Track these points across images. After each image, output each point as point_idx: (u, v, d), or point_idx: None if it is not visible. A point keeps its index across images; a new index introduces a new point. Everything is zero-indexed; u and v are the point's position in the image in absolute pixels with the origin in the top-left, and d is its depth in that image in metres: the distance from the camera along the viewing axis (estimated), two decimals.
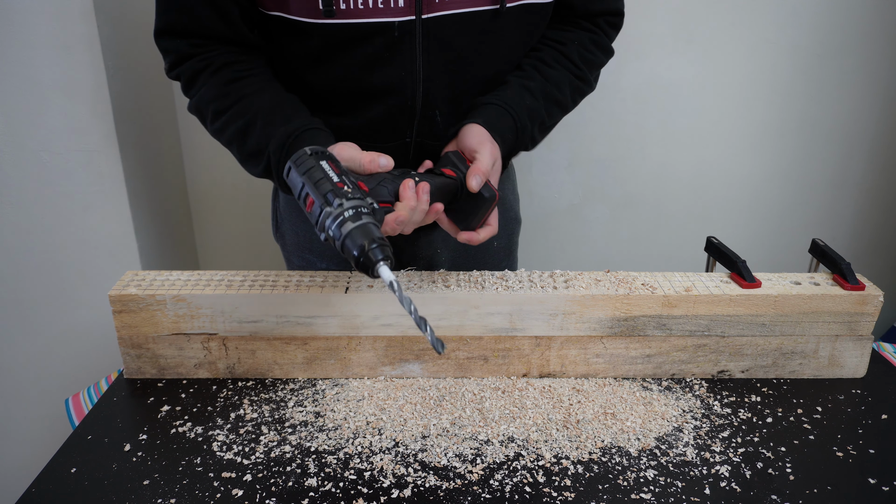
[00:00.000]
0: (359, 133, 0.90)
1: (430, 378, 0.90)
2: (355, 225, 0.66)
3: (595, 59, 0.96)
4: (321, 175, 0.69)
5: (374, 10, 0.81)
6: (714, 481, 0.72)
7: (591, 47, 0.95)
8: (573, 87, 0.95)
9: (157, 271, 0.91)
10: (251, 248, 1.72)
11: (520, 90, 0.90)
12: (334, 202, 0.66)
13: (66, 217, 1.35)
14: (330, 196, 0.66)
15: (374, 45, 0.83)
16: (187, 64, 0.86)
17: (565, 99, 0.94)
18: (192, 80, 0.87)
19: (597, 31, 0.96)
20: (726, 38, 1.52)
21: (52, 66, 1.23)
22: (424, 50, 0.85)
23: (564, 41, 0.94)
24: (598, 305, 0.86)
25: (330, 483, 0.72)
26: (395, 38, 0.83)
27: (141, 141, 1.39)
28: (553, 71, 0.93)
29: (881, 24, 1.50)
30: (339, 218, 0.66)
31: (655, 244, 1.73)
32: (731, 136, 1.61)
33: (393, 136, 0.90)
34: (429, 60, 0.86)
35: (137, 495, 0.70)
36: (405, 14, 0.81)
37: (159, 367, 0.90)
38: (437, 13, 0.82)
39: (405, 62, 0.85)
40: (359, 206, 0.67)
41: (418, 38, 0.84)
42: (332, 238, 0.67)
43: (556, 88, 0.92)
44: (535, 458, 0.76)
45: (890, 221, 1.72)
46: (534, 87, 0.91)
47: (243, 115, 0.84)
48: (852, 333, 0.89)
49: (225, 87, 0.85)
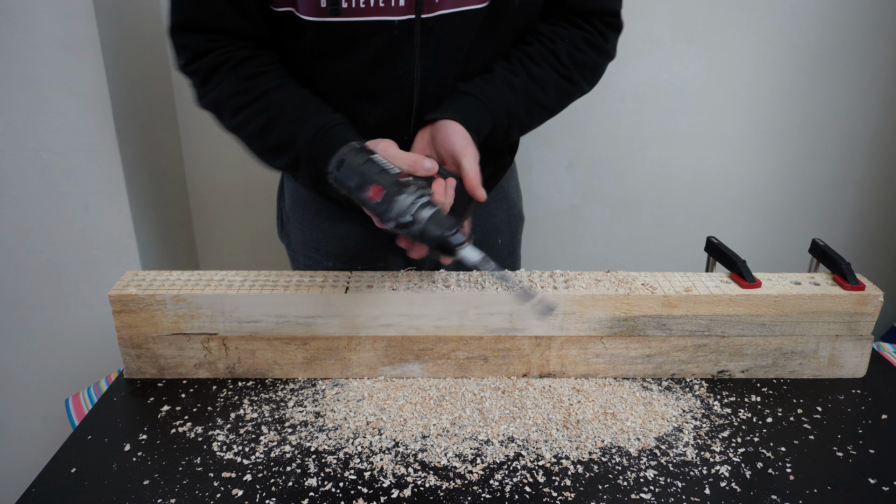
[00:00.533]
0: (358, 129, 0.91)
1: (430, 378, 0.90)
2: (432, 211, 0.70)
3: (586, 60, 0.94)
4: (381, 167, 0.71)
5: (376, 8, 0.81)
6: (714, 481, 0.72)
7: (583, 46, 0.93)
8: (558, 89, 0.93)
9: (157, 271, 0.91)
10: (251, 248, 1.72)
11: (502, 86, 0.89)
12: (405, 191, 0.69)
13: (66, 217, 1.35)
14: (400, 186, 0.69)
15: (375, 43, 0.84)
16: (204, 59, 0.86)
17: (549, 101, 0.93)
18: (210, 75, 0.87)
19: (591, 30, 0.94)
20: (726, 38, 1.52)
21: (52, 66, 1.23)
22: (423, 48, 0.85)
23: (555, 38, 0.93)
24: (598, 305, 0.86)
25: (330, 483, 0.72)
26: (395, 37, 0.84)
27: (141, 141, 1.39)
28: (539, 69, 0.91)
29: (881, 24, 1.50)
30: (416, 205, 0.69)
31: (655, 244, 1.73)
32: (731, 136, 1.61)
33: (390, 133, 0.90)
34: (427, 59, 0.86)
35: (137, 495, 0.70)
36: (405, 13, 0.82)
37: (159, 367, 0.90)
38: (436, 12, 0.83)
39: (404, 61, 0.86)
40: (427, 194, 0.71)
41: (417, 37, 0.84)
42: (406, 224, 0.70)
43: (540, 88, 0.91)
44: (535, 458, 0.76)
45: (890, 221, 1.72)
46: (517, 84, 0.90)
47: (266, 110, 0.85)
48: (852, 333, 0.89)
49: (245, 82, 0.86)
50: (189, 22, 0.85)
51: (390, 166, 0.73)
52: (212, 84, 0.87)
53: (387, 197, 0.70)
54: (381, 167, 0.72)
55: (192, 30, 0.86)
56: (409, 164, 0.76)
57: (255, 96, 0.85)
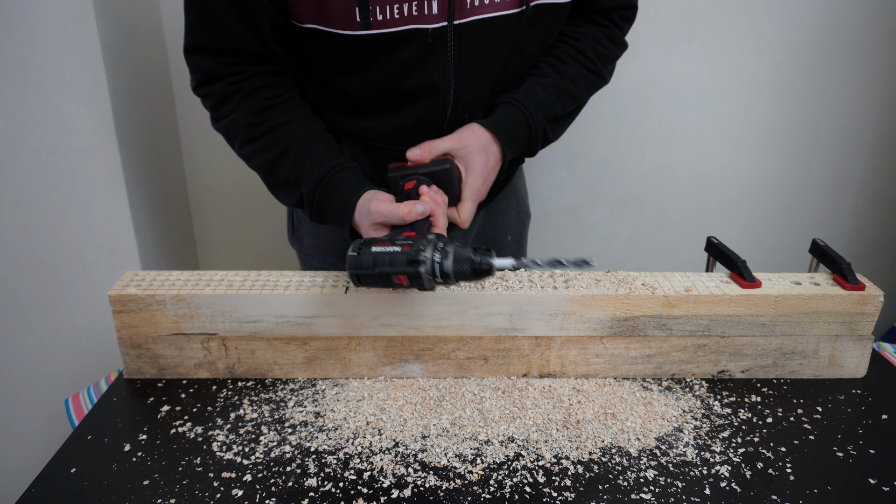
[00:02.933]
0: (390, 136, 0.94)
1: (430, 378, 0.90)
2: (452, 255, 0.74)
3: (609, 53, 0.99)
4: (386, 256, 0.75)
5: (409, 17, 0.82)
6: (714, 481, 0.72)
7: (604, 42, 0.98)
8: (587, 81, 0.97)
9: (157, 271, 0.91)
10: (251, 248, 1.72)
11: (532, 86, 0.93)
12: (421, 260, 0.73)
13: (66, 217, 1.35)
14: (415, 262, 0.73)
15: (408, 51, 0.85)
16: (217, 85, 0.87)
17: (579, 91, 0.97)
18: (222, 102, 0.88)
19: (610, 25, 0.99)
20: (726, 38, 1.51)
21: (52, 66, 1.23)
22: (456, 54, 0.87)
23: (578, 37, 0.97)
24: (598, 305, 0.86)
25: (330, 483, 0.72)
26: (429, 45, 0.85)
27: (141, 141, 1.39)
28: (567, 66, 0.95)
29: (881, 24, 1.50)
30: (438, 264, 0.74)
31: (655, 244, 1.73)
32: (731, 136, 1.61)
33: (423, 138, 0.91)
34: (459, 64, 0.88)
35: (137, 495, 0.70)
36: (438, 21, 0.83)
37: (159, 367, 0.90)
38: (467, 18, 0.84)
39: (437, 66, 0.87)
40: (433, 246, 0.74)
41: (450, 44, 0.86)
42: (443, 282, 0.76)
43: (570, 82, 0.95)
44: (535, 458, 0.76)
45: (890, 221, 1.72)
46: (547, 83, 0.94)
47: (274, 146, 0.87)
48: (852, 333, 0.89)
49: (256, 115, 0.87)
50: (203, 43, 0.86)
51: (391, 248, 0.75)
52: (224, 110, 0.88)
53: (412, 278, 0.74)
54: (387, 252, 0.75)
55: (206, 51, 0.86)
56: (404, 216, 0.79)
57: (264, 130, 0.87)
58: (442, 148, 0.88)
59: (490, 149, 0.90)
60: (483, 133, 0.89)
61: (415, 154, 0.87)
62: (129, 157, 1.35)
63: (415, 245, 0.74)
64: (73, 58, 1.22)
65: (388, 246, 0.75)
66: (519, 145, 0.93)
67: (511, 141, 0.91)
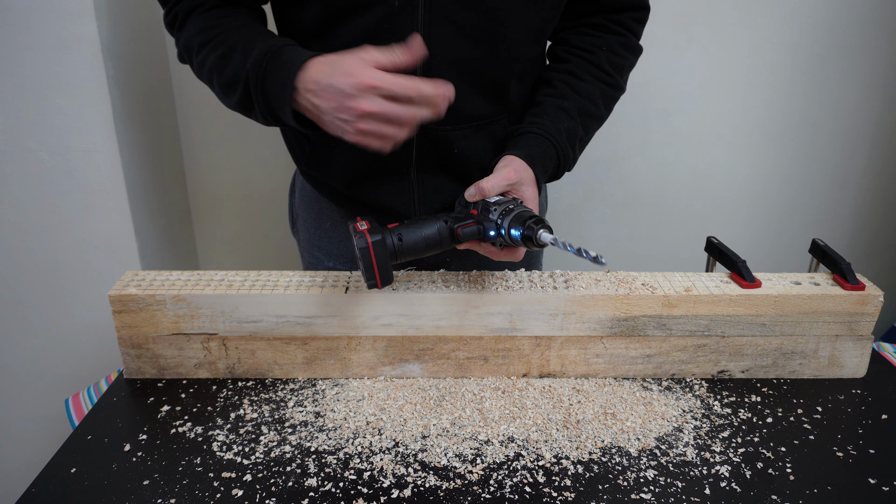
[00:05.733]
0: None
1: (430, 378, 0.90)
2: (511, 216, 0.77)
3: (625, 63, 0.97)
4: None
5: None
6: (714, 481, 0.72)
7: (620, 51, 0.95)
8: (605, 96, 0.95)
9: (157, 271, 0.91)
10: (251, 248, 1.72)
11: (556, 113, 0.91)
12: (488, 224, 0.78)
13: (66, 217, 1.35)
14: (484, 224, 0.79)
15: (374, 16, 0.82)
16: (182, 3, 0.86)
17: (599, 111, 0.95)
18: (185, 19, 0.86)
19: (624, 32, 0.96)
20: (726, 38, 1.52)
21: (52, 66, 1.23)
22: (426, 25, 0.82)
23: (593, 49, 0.94)
24: (598, 305, 0.86)
25: (330, 483, 0.72)
26: (395, 10, 0.81)
27: (141, 141, 1.39)
28: (584, 84, 0.93)
29: (881, 24, 1.50)
30: (499, 221, 0.78)
31: (655, 244, 1.73)
32: (731, 136, 1.61)
33: None
34: (431, 37, 0.83)
35: (137, 495, 0.70)
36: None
37: (159, 367, 0.90)
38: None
39: (405, 37, 0.80)
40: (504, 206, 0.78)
41: (420, 12, 0.81)
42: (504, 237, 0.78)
43: (590, 102, 0.93)
44: (535, 458, 0.76)
45: (890, 221, 1.72)
46: (569, 106, 0.91)
47: (225, 43, 0.82)
48: (852, 333, 0.89)
49: (212, 20, 0.85)
50: None
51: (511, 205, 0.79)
52: (185, 28, 0.86)
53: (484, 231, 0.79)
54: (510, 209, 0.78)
55: None
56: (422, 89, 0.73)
57: (217, 32, 0.84)
58: (500, 188, 0.83)
59: (534, 181, 0.87)
60: (527, 168, 0.86)
61: (471, 194, 0.83)
62: (129, 158, 1.35)
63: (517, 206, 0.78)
64: (73, 58, 1.22)
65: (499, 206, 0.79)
66: (547, 174, 0.91)
67: (544, 173, 0.89)
